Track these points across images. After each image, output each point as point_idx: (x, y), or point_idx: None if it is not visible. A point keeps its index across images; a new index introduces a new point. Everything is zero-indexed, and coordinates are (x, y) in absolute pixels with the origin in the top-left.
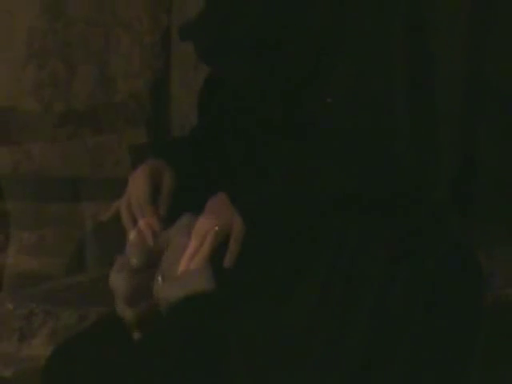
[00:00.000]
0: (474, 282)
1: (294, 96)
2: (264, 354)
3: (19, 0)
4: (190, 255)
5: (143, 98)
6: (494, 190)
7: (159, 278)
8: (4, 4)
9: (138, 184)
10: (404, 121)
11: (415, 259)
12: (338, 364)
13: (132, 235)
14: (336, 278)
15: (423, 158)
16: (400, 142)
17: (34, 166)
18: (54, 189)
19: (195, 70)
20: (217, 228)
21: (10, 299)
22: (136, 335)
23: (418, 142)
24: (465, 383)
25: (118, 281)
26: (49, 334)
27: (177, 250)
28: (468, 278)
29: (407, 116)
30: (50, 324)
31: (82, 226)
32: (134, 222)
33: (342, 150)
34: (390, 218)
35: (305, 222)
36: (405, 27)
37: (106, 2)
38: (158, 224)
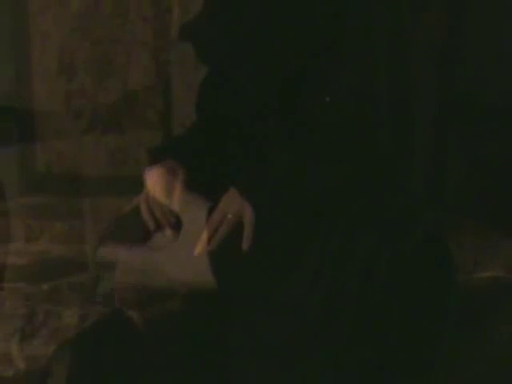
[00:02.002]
0: (447, 268)
1: (294, 95)
2: (265, 343)
3: (52, 21)
4: (205, 241)
5: (158, 104)
6: (464, 186)
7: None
8: (39, 25)
9: (154, 181)
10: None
11: (393, 248)
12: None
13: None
14: (325, 263)
15: (399, 152)
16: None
17: (65, 164)
18: (82, 185)
19: (195, 70)
20: (230, 216)
21: (14, 296)
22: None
23: (396, 139)
24: (436, 362)
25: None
26: (50, 333)
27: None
28: (441, 264)
29: (387, 115)
30: (50, 324)
31: (106, 218)
32: (152, 214)
33: (340, 146)
34: (373, 211)
35: (302, 210)
36: (396, 31)
37: (128, 23)
38: (173, 216)
